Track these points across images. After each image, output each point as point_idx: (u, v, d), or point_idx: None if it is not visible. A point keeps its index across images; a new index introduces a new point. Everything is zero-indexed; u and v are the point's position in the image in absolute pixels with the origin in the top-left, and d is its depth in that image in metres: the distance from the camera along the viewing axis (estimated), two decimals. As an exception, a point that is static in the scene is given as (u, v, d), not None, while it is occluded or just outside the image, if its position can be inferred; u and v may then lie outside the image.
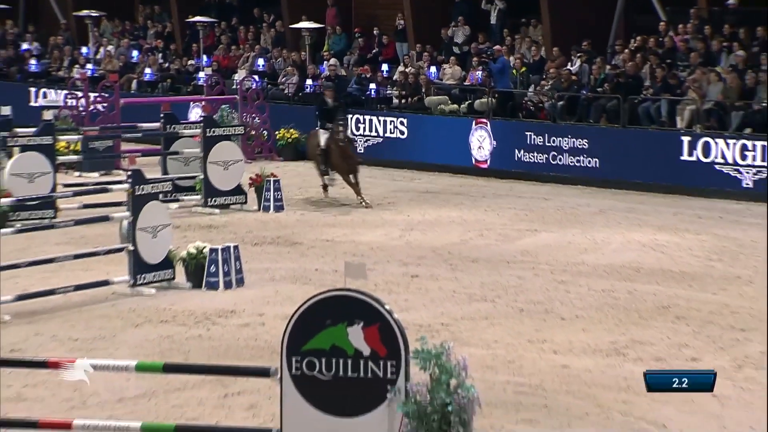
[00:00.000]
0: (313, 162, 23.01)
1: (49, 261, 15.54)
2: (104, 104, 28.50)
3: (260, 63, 31.68)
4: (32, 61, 35.65)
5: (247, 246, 17.84)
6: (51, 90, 33.39)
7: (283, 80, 30.66)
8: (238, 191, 21.94)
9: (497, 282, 15.99)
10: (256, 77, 30.45)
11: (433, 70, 28.89)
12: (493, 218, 21.06)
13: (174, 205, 20.88)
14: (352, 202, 22.12)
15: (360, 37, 31.48)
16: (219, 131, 21.96)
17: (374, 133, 27.36)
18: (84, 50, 35.45)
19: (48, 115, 25.99)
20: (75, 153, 24.68)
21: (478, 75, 27.68)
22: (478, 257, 17.63)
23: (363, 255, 17.63)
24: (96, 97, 28.81)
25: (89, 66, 33.99)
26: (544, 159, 25.34)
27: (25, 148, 20.94)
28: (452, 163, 26.41)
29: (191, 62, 33.07)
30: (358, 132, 27.26)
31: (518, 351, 12.79)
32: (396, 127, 27.56)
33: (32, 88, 33.80)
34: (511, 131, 26.01)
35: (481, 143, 26.22)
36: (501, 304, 14.83)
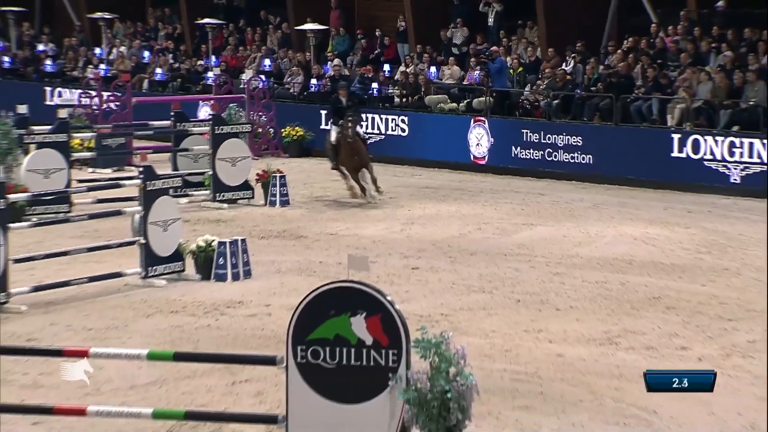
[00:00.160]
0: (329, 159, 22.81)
1: (64, 254, 15.56)
2: (117, 103, 28.48)
3: (267, 63, 31.65)
4: (48, 62, 35.62)
5: (254, 239, 17.84)
6: (66, 89, 33.37)
7: (289, 80, 30.63)
8: (246, 187, 21.93)
9: (495, 274, 15.99)
10: (263, 77, 30.41)
11: (433, 70, 28.86)
12: (491, 213, 21.04)
13: (184, 200, 20.88)
14: (352, 201, 21.77)
15: (362, 39, 31.44)
16: (227, 129, 21.96)
17: (376, 131, 27.35)
18: (97, 51, 35.42)
19: (63, 114, 26.00)
20: (89, 150, 24.65)
21: (476, 75, 27.64)
22: (477, 250, 17.62)
23: (365, 248, 17.63)
24: (109, 96, 28.80)
25: (102, 66, 33.97)
26: (540, 156, 25.32)
27: (41, 145, 20.95)
28: (451, 160, 26.40)
29: (200, 62, 33.04)
30: (360, 130, 27.12)
31: (515, 340, 12.79)
32: (397, 125, 27.53)
33: (48, 88, 33.79)
34: (508, 129, 25.98)
35: (479, 140, 26.20)
36: (498, 296, 14.83)
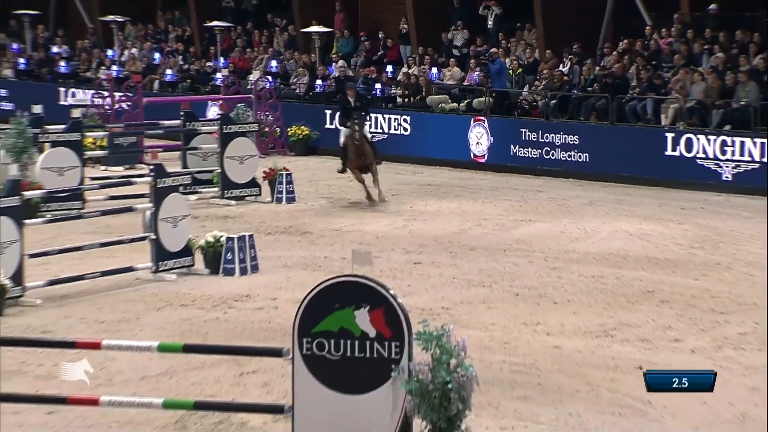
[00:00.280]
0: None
1: (77, 249, 15.58)
2: (128, 103, 28.48)
3: (273, 64, 31.63)
4: (62, 63, 35.62)
5: (261, 235, 17.84)
6: (79, 90, 33.37)
7: (295, 80, 30.61)
8: (253, 184, 21.93)
9: (494, 268, 15.99)
10: (270, 78, 30.41)
11: (435, 71, 28.85)
12: (491, 209, 21.04)
13: (193, 197, 20.89)
14: (362, 201, 21.23)
15: (366, 41, 31.43)
16: (235, 128, 21.95)
17: (379, 130, 27.33)
18: (109, 53, 35.42)
19: (76, 113, 26.08)
20: (101, 148, 24.67)
21: (476, 76, 27.63)
22: (477, 245, 17.61)
23: (369, 243, 17.61)
24: (121, 97, 28.82)
25: (114, 67, 33.98)
26: (538, 154, 25.31)
27: (55, 144, 20.98)
28: (452, 158, 26.38)
29: (209, 64, 33.02)
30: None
31: (513, 333, 12.79)
32: (400, 125, 27.53)
33: (62, 88, 33.79)
34: (507, 128, 25.97)
35: (479, 139, 26.19)
36: (498, 289, 14.83)
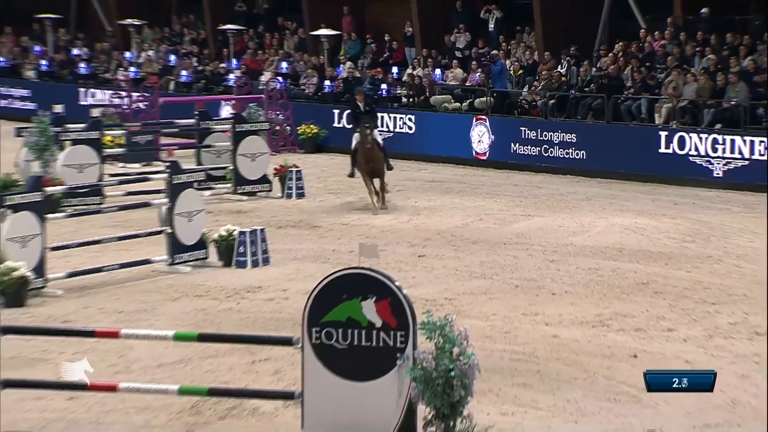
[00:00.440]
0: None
1: (97, 242, 15.60)
2: (145, 103, 28.50)
3: (284, 66, 31.63)
4: (82, 65, 35.63)
5: (272, 229, 17.83)
6: (98, 90, 33.38)
7: (304, 81, 30.60)
8: (264, 180, 21.95)
9: (495, 261, 15.98)
10: (280, 78, 30.41)
11: (438, 72, 28.83)
12: (492, 204, 21.03)
13: (207, 193, 20.86)
14: (369, 205, 20.16)
15: (372, 43, 31.41)
16: (247, 127, 21.97)
17: (385, 129, 27.30)
18: (127, 55, 35.42)
19: (96, 113, 26.08)
20: (119, 146, 24.68)
21: (478, 76, 27.61)
22: (478, 239, 17.61)
23: (375, 237, 17.62)
24: (138, 97, 28.83)
25: (132, 69, 33.97)
26: (537, 151, 25.29)
27: (76, 142, 20.98)
28: (455, 156, 26.37)
29: (222, 65, 33.02)
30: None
31: (514, 323, 12.78)
32: (405, 123, 27.51)
33: (82, 89, 33.80)
34: (508, 127, 25.95)
35: (481, 137, 26.17)
36: (498, 281, 14.82)
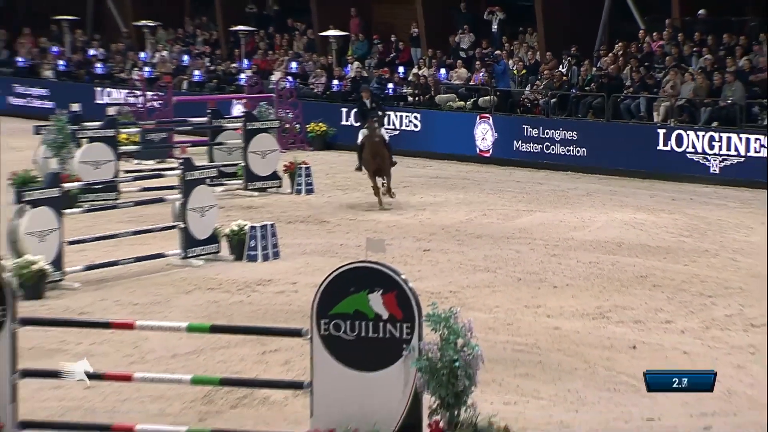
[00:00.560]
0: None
1: (112, 236, 15.63)
2: (159, 101, 28.51)
3: (293, 66, 31.60)
4: (98, 65, 35.63)
5: (282, 224, 17.84)
6: (114, 89, 33.39)
7: (313, 80, 30.58)
8: (274, 177, 21.95)
9: (498, 255, 15.97)
10: (290, 78, 30.39)
11: (443, 72, 28.81)
12: (495, 200, 21.01)
13: (219, 189, 20.89)
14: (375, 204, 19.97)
15: (379, 43, 31.37)
16: (258, 125, 21.98)
17: (392, 127, 27.28)
18: (142, 55, 35.41)
19: (111, 111, 26.06)
20: (134, 144, 24.68)
21: (482, 76, 27.57)
22: (482, 234, 17.60)
23: (382, 232, 17.61)
24: (152, 96, 28.85)
25: (146, 68, 33.97)
26: (539, 149, 25.25)
27: (92, 140, 21.01)
28: (459, 153, 26.33)
29: (234, 65, 33.00)
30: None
31: (516, 315, 12.78)
32: (410, 121, 27.49)
33: (98, 88, 33.79)
34: (511, 125, 25.92)
35: (484, 135, 26.14)
36: (501, 274, 14.81)
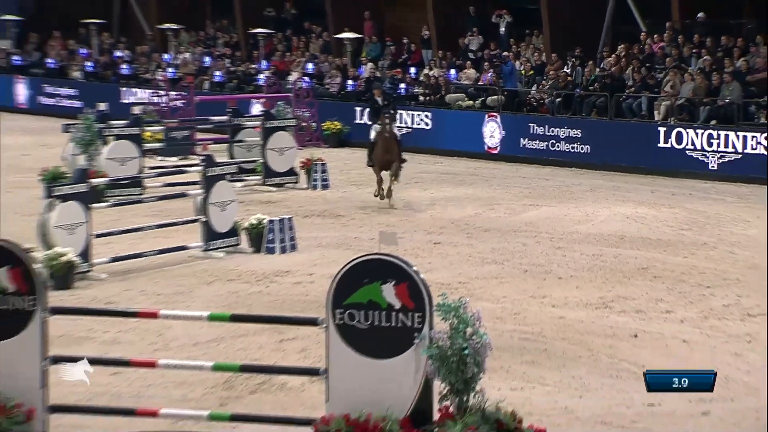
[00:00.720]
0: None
1: (137, 230, 15.65)
2: (182, 101, 28.55)
3: (310, 67, 31.61)
4: (124, 66, 35.69)
5: (299, 218, 17.83)
6: (139, 89, 33.46)
7: (329, 81, 30.60)
8: (292, 173, 21.96)
9: (505, 248, 15.96)
10: (306, 78, 30.41)
11: (453, 73, 28.79)
12: (502, 195, 21.00)
13: (239, 184, 20.86)
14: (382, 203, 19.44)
15: (392, 45, 31.37)
16: (276, 123, 22.00)
17: (404, 125, 27.28)
18: (165, 57, 35.47)
19: (136, 110, 26.10)
20: (158, 141, 24.71)
21: (490, 76, 27.56)
22: (490, 227, 17.59)
23: (394, 225, 17.59)
24: (175, 95, 28.89)
25: (170, 69, 34.02)
26: (545, 146, 25.23)
27: (118, 137, 21.06)
28: (468, 150, 26.33)
29: (253, 66, 33.04)
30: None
31: (523, 305, 12.78)
32: (422, 120, 27.49)
33: (123, 88, 33.87)
34: (517, 123, 25.90)
35: (492, 133, 26.13)
36: (508, 266, 14.81)
